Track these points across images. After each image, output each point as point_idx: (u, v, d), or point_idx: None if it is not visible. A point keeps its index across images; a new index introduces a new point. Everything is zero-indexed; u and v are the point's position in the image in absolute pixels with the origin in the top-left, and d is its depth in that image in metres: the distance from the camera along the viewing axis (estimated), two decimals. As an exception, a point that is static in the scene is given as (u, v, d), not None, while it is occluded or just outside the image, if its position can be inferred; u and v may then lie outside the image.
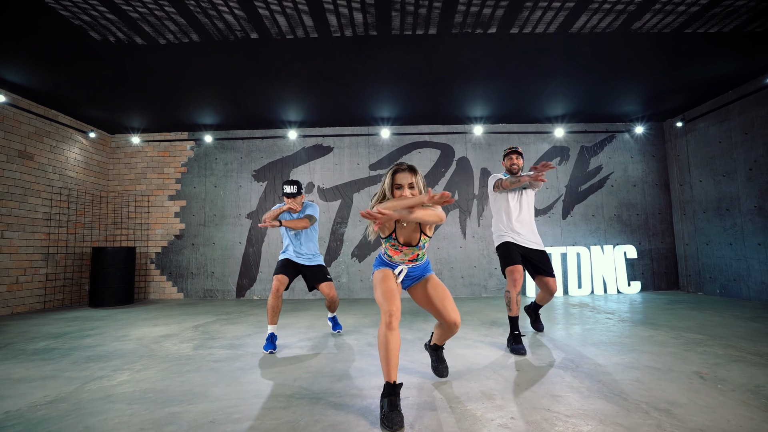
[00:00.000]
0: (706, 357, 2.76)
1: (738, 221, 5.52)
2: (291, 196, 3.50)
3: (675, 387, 2.20)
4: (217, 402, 2.09)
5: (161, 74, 4.87)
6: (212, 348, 3.27)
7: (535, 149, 6.92)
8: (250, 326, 4.18)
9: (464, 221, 6.76)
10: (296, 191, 3.52)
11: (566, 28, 4.00)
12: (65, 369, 2.72)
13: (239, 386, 2.33)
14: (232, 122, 6.69)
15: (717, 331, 3.54)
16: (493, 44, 4.28)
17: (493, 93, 5.66)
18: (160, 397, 2.18)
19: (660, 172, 6.89)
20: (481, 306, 5.37)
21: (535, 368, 2.60)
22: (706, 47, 4.41)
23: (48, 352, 3.20)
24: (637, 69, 4.95)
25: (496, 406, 1.99)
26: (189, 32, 3.96)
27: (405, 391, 2.21)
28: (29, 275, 5.52)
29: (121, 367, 2.74)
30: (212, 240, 6.87)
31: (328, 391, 2.24)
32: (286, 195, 3.51)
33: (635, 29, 4.02)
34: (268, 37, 4.07)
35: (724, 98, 5.70)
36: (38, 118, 5.71)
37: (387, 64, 4.72)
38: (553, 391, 2.18)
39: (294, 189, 3.51)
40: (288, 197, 3.51)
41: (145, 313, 5.15)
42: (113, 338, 3.68)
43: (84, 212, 6.45)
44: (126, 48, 4.22)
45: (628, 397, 2.06)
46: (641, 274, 6.64)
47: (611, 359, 2.76)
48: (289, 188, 3.51)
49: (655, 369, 2.52)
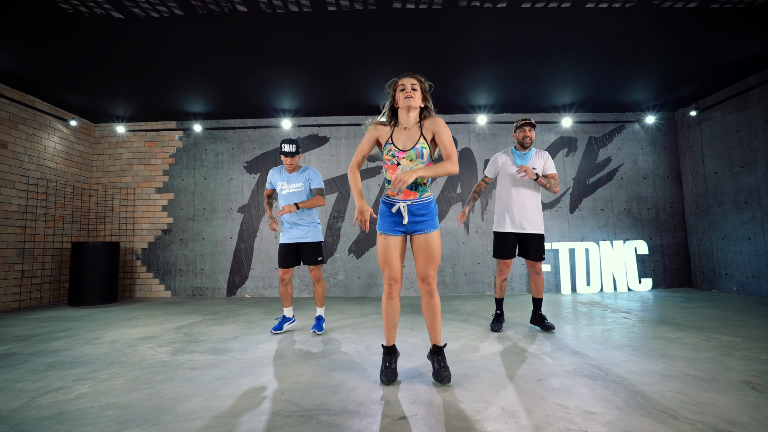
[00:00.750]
0: (749, 363, 2.44)
1: (758, 214, 5.21)
2: (289, 155, 3.50)
3: (728, 401, 1.87)
4: (187, 422, 1.75)
5: (144, 54, 4.49)
6: (192, 353, 2.92)
7: (542, 140, 6.59)
8: (238, 327, 3.83)
9: (467, 216, 6.42)
10: (295, 150, 3.51)
11: (583, 2, 3.66)
12: (18, 379, 2.37)
13: (216, 401, 1.99)
14: (223, 110, 6.32)
15: (750, 333, 3.23)
16: (503, 21, 3.94)
17: (499, 78, 5.31)
18: (122, 415, 1.83)
19: (671, 164, 6.58)
20: (486, 305, 5.05)
21: (558, 376, 2.28)
22: (728, 27, 4.08)
23: (7, 357, 2.85)
24: (652, 52, 4.62)
25: (520, 426, 1.66)
26: (170, 4, 3.59)
27: (411, 407, 1.87)
28: (2, 272, 5.14)
29: (84, 377, 2.39)
30: (202, 235, 6.51)
31: (321, 407, 1.90)
32: (284, 154, 3.48)
33: (658, 3, 3.69)
34: (257, 11, 3.71)
35: (743, 84, 5.38)
36: (12, 104, 5.32)
37: (387, 43, 4.37)
38: (584, 405, 1.86)
39: (293, 148, 3.50)
40: (286, 156, 3.50)
41: (126, 313, 4.79)
42: (84, 341, 3.33)
43: (64, 205, 6.07)
44: (101, 22, 3.84)
45: (677, 414, 1.74)
46: (652, 271, 6.34)
47: (642, 366, 2.44)
48: (287, 147, 3.49)
49: (696, 378, 2.20)
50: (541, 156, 3.48)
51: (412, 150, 2.15)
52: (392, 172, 2.19)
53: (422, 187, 2.20)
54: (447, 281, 6.31)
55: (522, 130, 3.43)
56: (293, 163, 3.54)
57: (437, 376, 2.19)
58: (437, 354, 2.26)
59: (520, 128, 3.44)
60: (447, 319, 4.06)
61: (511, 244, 3.43)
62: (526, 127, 3.42)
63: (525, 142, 3.42)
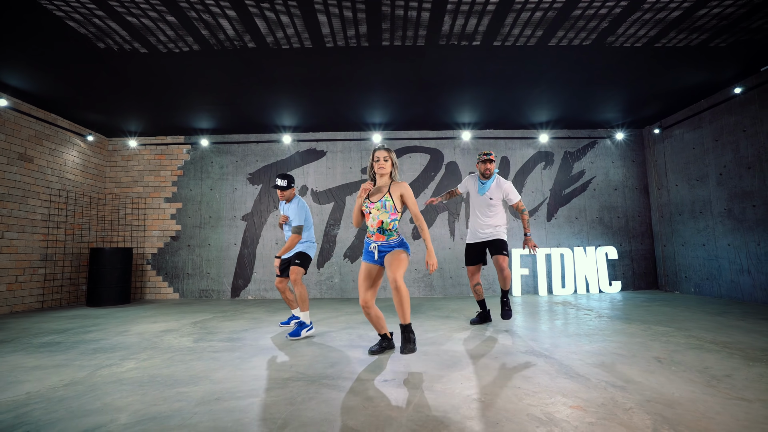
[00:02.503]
0: (667, 345, 3.02)
1: (710, 223, 5.83)
2: (280, 189, 3.92)
3: (634, 369, 2.45)
4: (220, 384, 2.29)
5: (160, 79, 5.06)
6: (212, 341, 3.46)
7: (521, 154, 7.21)
8: (246, 322, 4.37)
9: (452, 223, 7.01)
10: (286, 185, 3.92)
11: (545, 41, 4.28)
12: (74, 359, 2.90)
13: (240, 371, 2.54)
14: (228, 127, 6.89)
15: (684, 324, 3.82)
16: (478, 55, 4.55)
17: (480, 100, 5.93)
18: (168, 380, 2.37)
19: (639, 176, 7.22)
20: (468, 305, 5.61)
21: (511, 355, 2.84)
22: (677, 60, 4.72)
23: (54, 345, 3.37)
24: (614, 78, 5.25)
25: (472, 385, 2.22)
26: (189, 41, 4.17)
27: (390, 375, 2.43)
28: (28, 275, 5.65)
29: (127, 357, 2.93)
30: (208, 241, 7.04)
31: (322, 374, 2.45)
32: (277, 188, 3.92)
33: (609, 43, 4.31)
34: (264, 47, 4.29)
35: (697, 107, 6.04)
36: (38, 122, 5.86)
37: (378, 72, 4.96)
38: (525, 373, 2.42)
39: (284, 183, 3.92)
40: (278, 190, 3.92)
41: (143, 312, 5.31)
42: (115, 333, 3.86)
43: (82, 214, 6.59)
44: (128, 56, 4.41)
45: (591, 377, 2.31)
46: (622, 274, 6.94)
47: (581, 348, 3.01)
48: (279, 182, 3.92)
49: (619, 355, 2.77)
50: (500, 188, 4.03)
51: (378, 202, 2.84)
52: (367, 218, 2.91)
53: (388, 232, 2.86)
54: (434, 284, 6.88)
55: (483, 164, 4.06)
56: (284, 196, 3.97)
57: (402, 349, 2.77)
58: (404, 332, 2.81)
59: (482, 162, 4.06)
60: (430, 316, 4.62)
61: (475, 254, 4.06)
62: (487, 162, 4.04)
63: (486, 173, 4.05)
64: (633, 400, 1.95)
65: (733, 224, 5.46)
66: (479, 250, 4.07)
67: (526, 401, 1.97)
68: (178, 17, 3.75)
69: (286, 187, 3.93)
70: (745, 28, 4.05)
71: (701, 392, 2.04)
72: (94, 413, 1.90)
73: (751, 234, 5.21)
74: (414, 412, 1.86)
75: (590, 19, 3.89)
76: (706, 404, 1.89)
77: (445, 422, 1.74)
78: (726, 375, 2.30)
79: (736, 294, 5.43)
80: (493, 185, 4.05)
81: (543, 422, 1.73)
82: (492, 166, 4.04)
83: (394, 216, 2.85)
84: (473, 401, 1.98)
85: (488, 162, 4.04)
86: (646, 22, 3.93)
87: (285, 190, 3.94)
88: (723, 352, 2.81)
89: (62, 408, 1.97)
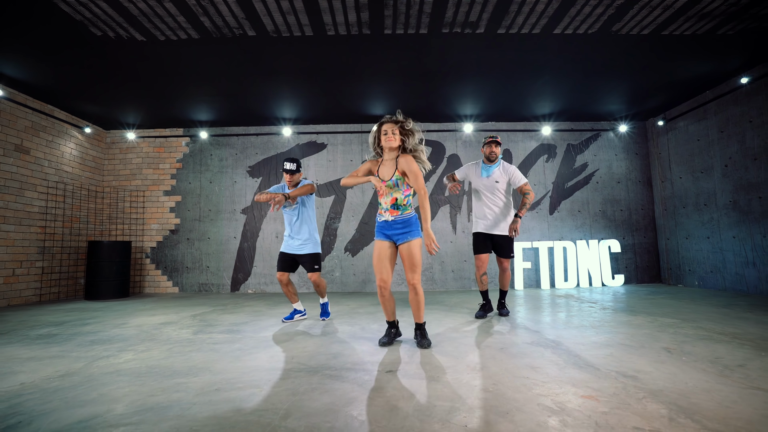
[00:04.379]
0: (676, 336, 2.97)
1: (714, 215, 5.77)
2: (290, 172, 3.84)
3: (644, 359, 2.39)
4: (221, 375, 2.23)
5: (158, 69, 4.98)
6: (211, 333, 3.40)
7: (524, 147, 7.13)
8: (246, 315, 4.31)
9: (454, 216, 6.94)
10: (295, 168, 3.86)
11: (550, 29, 4.19)
12: (71, 350, 2.84)
13: (240, 363, 2.48)
14: (228, 119, 6.80)
15: (690, 316, 3.76)
16: (482, 43, 4.46)
17: (483, 90, 5.84)
18: (166, 371, 2.31)
19: (643, 169, 7.14)
20: (471, 297, 5.56)
21: (518, 346, 2.78)
22: (683, 49, 4.64)
23: (51, 337, 3.31)
24: (619, 68, 5.17)
25: (481, 375, 2.16)
26: (188, 29, 4.08)
27: (397, 365, 2.37)
28: (25, 268, 5.58)
29: (125, 348, 2.86)
30: (207, 235, 6.97)
31: (324, 365, 2.39)
32: (286, 171, 3.83)
33: (615, 30, 4.23)
34: (264, 35, 4.21)
35: (702, 98, 5.96)
36: (34, 113, 5.77)
37: (380, 61, 4.88)
38: (533, 364, 2.36)
39: (293, 166, 3.85)
40: (287, 173, 3.84)
41: (141, 305, 5.25)
42: (113, 326, 3.79)
43: (79, 207, 6.51)
44: (125, 43, 4.32)
45: (600, 367, 2.25)
46: (625, 268, 6.88)
47: (589, 339, 2.95)
48: (288, 165, 3.83)
49: (628, 346, 2.72)
50: (505, 171, 3.97)
51: (390, 181, 2.78)
52: (381, 197, 2.83)
53: (402, 207, 2.79)
54: (436, 277, 6.82)
55: (489, 146, 3.98)
56: (293, 180, 3.88)
57: (419, 345, 2.79)
58: (419, 329, 2.89)
59: (487, 144, 4.00)
60: (434, 310, 4.56)
61: (483, 243, 3.94)
62: (492, 144, 3.97)
63: (491, 156, 3.97)
64: (645, 390, 1.89)
65: (738, 216, 5.40)
66: (487, 239, 3.97)
67: (535, 391, 1.91)
68: (176, 2, 3.66)
69: (295, 171, 3.86)
70: (755, 15, 3.97)
71: (715, 382, 1.98)
72: (89, 404, 1.84)
73: (756, 226, 5.14)
74: (421, 402, 1.80)
75: (597, 5, 3.80)
76: (722, 394, 1.83)
77: (453, 412, 1.68)
78: (739, 365, 2.25)
79: (741, 286, 5.37)
80: (498, 169, 3.98)
81: (555, 411, 1.67)
82: (498, 150, 3.97)
83: (408, 192, 2.80)
84: (481, 391, 1.92)
85: (494, 144, 3.97)
86: (653, 8, 3.84)
87: (294, 174, 3.87)
88: (733, 342, 2.75)
89: (57, 398, 1.91)
